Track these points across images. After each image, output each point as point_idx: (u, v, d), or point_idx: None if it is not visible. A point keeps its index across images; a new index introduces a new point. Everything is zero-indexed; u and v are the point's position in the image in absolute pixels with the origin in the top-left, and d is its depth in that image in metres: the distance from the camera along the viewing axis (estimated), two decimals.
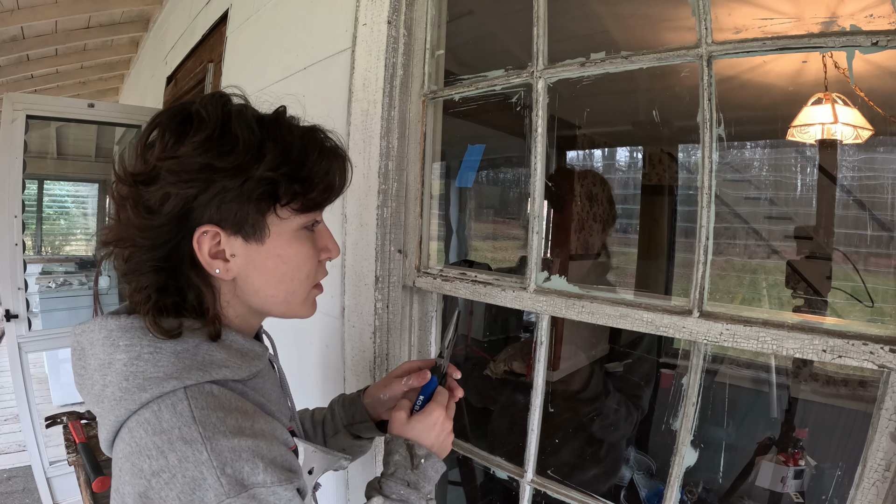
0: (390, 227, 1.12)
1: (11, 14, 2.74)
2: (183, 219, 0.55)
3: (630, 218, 2.97)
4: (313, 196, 0.60)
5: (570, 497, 0.90)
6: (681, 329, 0.73)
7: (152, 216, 0.54)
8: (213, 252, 0.57)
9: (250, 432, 0.52)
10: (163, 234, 0.55)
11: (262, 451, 0.51)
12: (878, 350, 0.59)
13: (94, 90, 4.65)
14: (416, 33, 1.11)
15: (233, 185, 0.54)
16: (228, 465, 0.49)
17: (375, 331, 1.12)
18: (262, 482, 0.50)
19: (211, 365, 0.55)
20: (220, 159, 0.54)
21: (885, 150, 1.82)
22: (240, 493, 0.48)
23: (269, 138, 0.56)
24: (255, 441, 0.51)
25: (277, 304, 0.63)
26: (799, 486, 1.57)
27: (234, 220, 0.56)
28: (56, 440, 2.30)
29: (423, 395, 0.76)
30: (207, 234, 0.56)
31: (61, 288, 3.58)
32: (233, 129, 0.55)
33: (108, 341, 0.56)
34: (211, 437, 0.49)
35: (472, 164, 1.22)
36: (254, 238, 0.58)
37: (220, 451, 0.49)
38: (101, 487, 1.41)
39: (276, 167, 0.55)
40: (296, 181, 0.57)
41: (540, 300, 0.89)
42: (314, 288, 0.66)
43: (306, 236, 0.62)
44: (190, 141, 0.53)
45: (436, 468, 0.71)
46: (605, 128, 2.90)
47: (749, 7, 1.36)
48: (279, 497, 0.50)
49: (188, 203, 0.54)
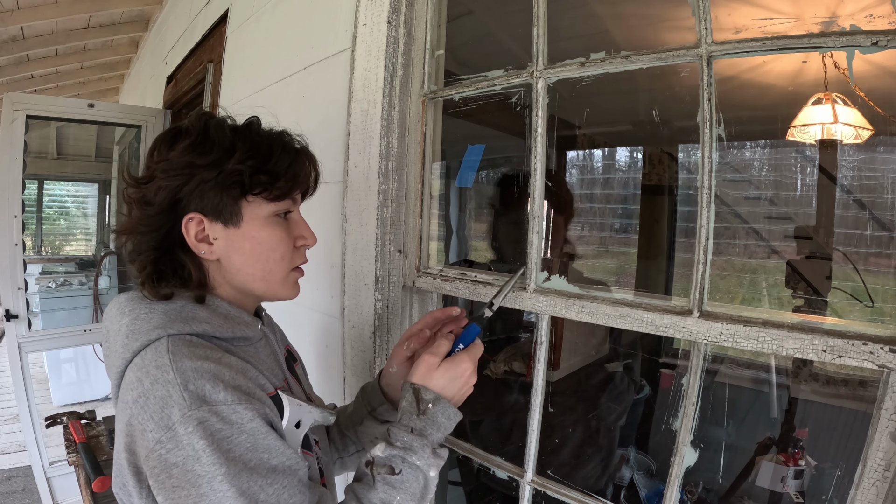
0: (390, 227, 1.12)
1: (11, 14, 2.74)
2: (173, 207, 0.67)
3: (630, 218, 2.97)
4: (279, 185, 0.70)
5: (570, 497, 0.90)
6: (681, 329, 0.73)
7: (149, 207, 0.67)
8: (199, 237, 0.68)
9: (215, 360, 0.60)
10: (158, 221, 0.67)
11: (224, 376, 0.59)
12: (878, 350, 0.59)
13: (94, 90, 4.65)
14: (415, 33, 1.11)
15: (210, 177, 0.66)
16: (191, 382, 0.57)
17: (375, 331, 1.12)
18: (222, 400, 0.57)
19: (193, 320, 0.65)
20: (200, 157, 0.66)
21: (885, 150, 1.82)
22: (200, 407, 0.56)
23: (240, 139, 0.68)
24: (217, 366, 0.59)
25: (256, 281, 0.72)
26: (799, 486, 1.57)
27: (214, 208, 0.67)
28: (56, 440, 2.31)
29: (463, 344, 0.74)
30: (193, 221, 0.67)
31: (61, 288, 3.58)
32: (211, 134, 0.68)
33: (118, 310, 0.68)
34: (178, 360, 0.59)
35: (472, 164, 1.22)
36: (231, 223, 0.69)
37: (184, 370, 0.58)
38: (101, 487, 1.41)
39: (245, 160, 0.67)
40: (262, 173, 0.68)
41: (540, 300, 0.89)
42: (293, 271, 0.75)
43: (278, 222, 0.72)
44: (178, 147, 0.67)
45: (447, 414, 0.68)
46: (605, 128, 2.90)
47: (749, 7, 1.36)
48: (240, 416, 0.57)
49: (176, 194, 0.66)
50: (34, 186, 4.17)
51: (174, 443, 0.55)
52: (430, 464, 0.65)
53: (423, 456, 0.65)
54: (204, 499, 0.54)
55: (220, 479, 0.54)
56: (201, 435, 0.55)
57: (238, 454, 0.56)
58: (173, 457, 0.55)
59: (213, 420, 0.56)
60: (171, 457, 0.55)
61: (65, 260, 4.23)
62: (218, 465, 0.54)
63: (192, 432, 0.55)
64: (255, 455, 0.57)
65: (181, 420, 0.55)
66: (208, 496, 0.54)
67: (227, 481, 0.55)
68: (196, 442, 0.55)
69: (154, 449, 0.56)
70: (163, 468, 0.56)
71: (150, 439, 0.56)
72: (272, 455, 0.59)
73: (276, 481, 0.58)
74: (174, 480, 0.55)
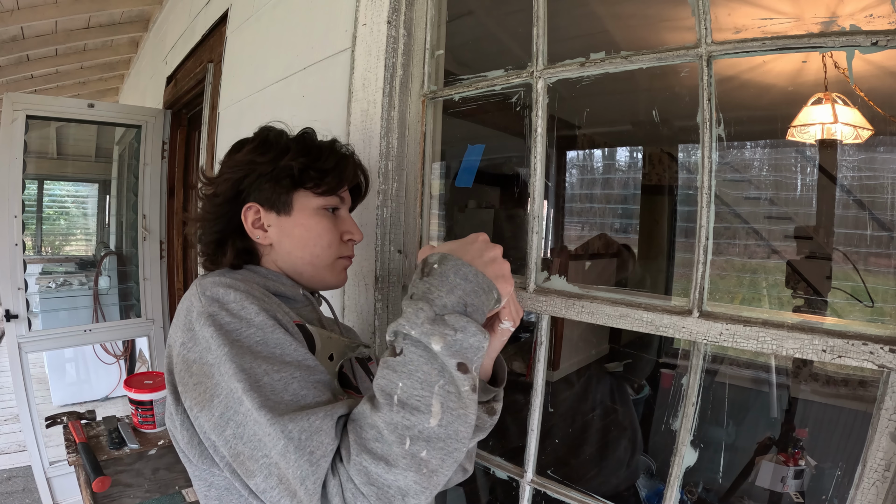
0: (390, 227, 1.12)
1: (11, 14, 2.74)
2: (235, 198, 0.77)
3: (630, 218, 2.98)
4: (327, 181, 0.78)
5: (570, 497, 0.90)
6: (681, 329, 0.73)
7: (216, 198, 0.78)
8: (256, 224, 0.77)
9: (236, 278, 0.67)
10: (222, 209, 0.77)
11: (240, 287, 0.64)
12: (878, 350, 0.59)
13: (94, 90, 4.65)
14: (415, 33, 1.11)
15: (266, 171, 0.75)
16: (208, 289, 0.63)
17: (375, 331, 1.12)
18: (233, 299, 0.62)
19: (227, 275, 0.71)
20: (260, 156, 0.76)
21: (885, 150, 1.82)
22: (212, 304, 0.61)
23: (294, 142, 0.79)
24: (233, 280, 0.66)
25: (305, 264, 0.79)
26: (799, 486, 1.57)
27: (269, 199, 0.76)
28: (56, 440, 2.31)
29: None
30: (251, 209, 0.77)
31: (61, 288, 3.57)
32: (270, 139, 0.79)
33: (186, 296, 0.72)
34: (202, 280, 0.67)
35: (472, 164, 1.22)
36: (283, 212, 0.77)
37: (205, 284, 0.65)
38: (101, 487, 1.41)
39: (296, 158, 0.76)
40: (311, 169, 0.77)
41: (540, 300, 0.89)
42: (340, 259, 0.82)
43: (326, 215, 0.80)
44: (243, 150, 0.79)
45: (460, 271, 0.56)
46: (605, 128, 2.90)
47: (749, 7, 1.36)
48: (248, 311, 0.61)
49: (238, 185, 0.76)
50: (34, 186, 4.16)
51: (193, 341, 0.60)
52: (427, 332, 0.52)
53: (416, 322, 0.53)
54: (217, 388, 0.56)
55: (225, 360, 0.56)
56: (211, 325, 0.59)
57: (247, 345, 0.58)
58: (192, 354, 0.60)
59: (222, 314, 0.60)
60: (191, 354, 0.60)
61: (65, 260, 4.23)
62: (224, 347, 0.57)
63: (204, 324, 0.59)
64: (266, 348, 0.58)
65: (196, 318, 0.60)
66: (220, 384, 0.56)
67: (230, 359, 0.55)
68: (207, 332, 0.59)
69: (180, 353, 0.61)
70: (185, 367, 0.60)
71: (177, 347, 0.62)
72: (284, 350, 0.59)
73: (285, 370, 0.56)
74: (195, 378, 0.58)
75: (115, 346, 4.02)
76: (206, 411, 0.56)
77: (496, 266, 0.60)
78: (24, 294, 2.42)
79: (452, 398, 0.52)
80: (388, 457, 0.49)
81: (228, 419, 0.55)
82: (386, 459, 0.49)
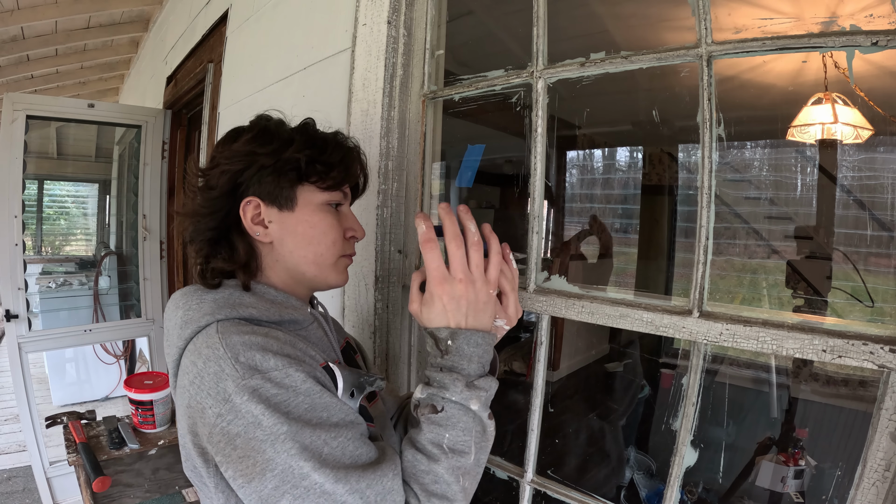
0: (390, 228, 1.12)
1: (11, 14, 2.74)
2: (233, 191, 0.71)
3: (630, 218, 2.97)
4: (333, 175, 0.74)
5: (570, 497, 0.90)
6: (681, 329, 0.73)
7: (212, 191, 0.72)
8: (256, 220, 0.72)
9: (262, 335, 0.62)
10: (218, 203, 0.71)
11: (272, 346, 0.60)
12: (878, 350, 0.59)
13: (94, 90, 4.65)
14: (415, 33, 1.11)
15: (269, 163, 0.70)
16: (241, 354, 0.58)
17: (375, 331, 1.12)
18: (273, 366, 0.58)
19: (240, 305, 0.67)
20: (261, 147, 0.71)
21: (885, 150, 1.82)
22: (253, 376, 0.57)
23: (297, 133, 0.74)
24: (265, 339, 0.61)
25: (308, 264, 0.75)
26: (799, 486, 1.57)
27: (270, 193, 0.71)
28: (56, 440, 2.31)
29: None
30: (251, 204, 0.71)
31: (61, 288, 3.58)
32: (271, 129, 0.73)
33: (173, 306, 0.71)
34: (226, 337, 0.61)
35: (472, 164, 1.22)
36: (286, 207, 0.72)
37: (233, 345, 0.59)
38: (101, 487, 1.41)
39: (301, 150, 0.71)
40: (317, 162, 0.72)
41: (540, 300, 0.89)
42: (343, 257, 0.78)
43: (329, 210, 0.76)
44: (241, 140, 0.72)
45: (471, 341, 0.66)
46: (605, 128, 2.90)
47: (749, 7, 1.36)
48: (293, 378, 0.58)
49: (237, 178, 0.71)
50: (34, 186, 4.16)
51: (233, 413, 0.56)
52: (467, 397, 0.64)
53: (456, 391, 0.64)
54: (270, 463, 0.55)
55: (283, 438, 0.55)
56: (258, 401, 0.56)
57: (297, 415, 0.57)
58: (234, 427, 0.56)
59: (266, 386, 0.57)
60: (233, 427, 0.56)
61: (65, 260, 4.23)
62: (279, 426, 0.55)
63: (248, 400, 0.56)
64: (315, 414, 0.58)
65: (236, 391, 0.56)
66: (274, 459, 0.55)
67: (290, 438, 0.55)
68: (254, 408, 0.56)
69: (216, 423, 0.57)
70: (227, 441, 0.56)
71: (209, 416, 0.58)
72: (331, 413, 0.59)
73: (340, 434, 0.58)
74: (239, 451, 0.56)
75: (115, 346, 4.02)
76: (255, 483, 0.56)
77: (493, 304, 0.69)
78: (24, 294, 2.42)
79: (481, 437, 0.66)
80: (448, 494, 0.61)
81: (284, 492, 0.55)
82: (447, 497, 0.61)
